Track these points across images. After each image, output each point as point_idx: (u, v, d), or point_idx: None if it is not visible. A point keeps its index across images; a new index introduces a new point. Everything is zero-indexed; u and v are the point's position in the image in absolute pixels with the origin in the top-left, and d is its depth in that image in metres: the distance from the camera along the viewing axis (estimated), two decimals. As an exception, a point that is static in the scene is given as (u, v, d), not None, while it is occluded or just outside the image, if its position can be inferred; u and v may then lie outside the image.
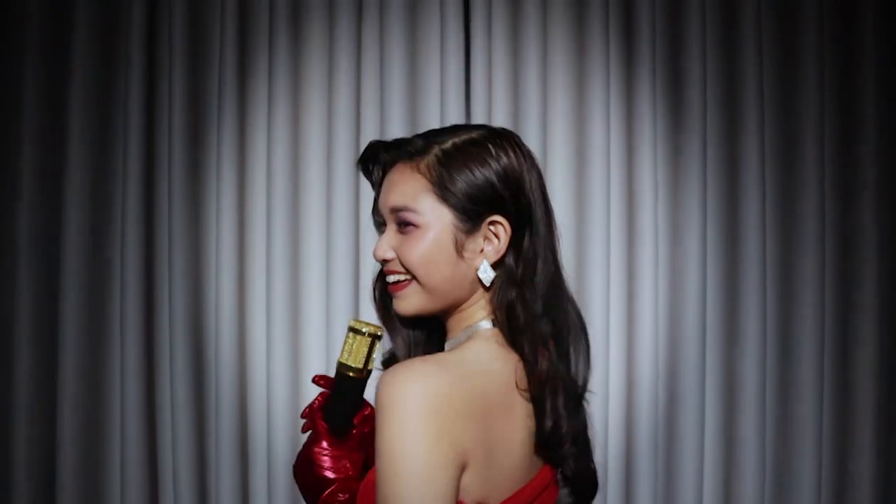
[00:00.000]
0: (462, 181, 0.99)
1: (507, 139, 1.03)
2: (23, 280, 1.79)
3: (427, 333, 1.09)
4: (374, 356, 1.03)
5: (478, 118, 1.79)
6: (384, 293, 1.08)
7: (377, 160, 1.07)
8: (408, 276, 0.99)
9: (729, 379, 1.79)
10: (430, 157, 1.01)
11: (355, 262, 1.76)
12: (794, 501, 1.78)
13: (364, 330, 1.01)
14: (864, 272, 1.78)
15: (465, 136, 1.03)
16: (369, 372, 1.03)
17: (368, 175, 1.09)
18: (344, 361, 1.02)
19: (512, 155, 1.02)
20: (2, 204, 1.81)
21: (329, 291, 1.78)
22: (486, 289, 1.01)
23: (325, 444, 1.00)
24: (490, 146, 1.01)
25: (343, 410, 1.03)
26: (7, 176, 1.82)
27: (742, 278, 1.77)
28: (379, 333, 1.02)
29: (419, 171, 0.99)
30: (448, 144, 1.02)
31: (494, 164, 0.99)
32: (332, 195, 1.76)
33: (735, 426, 1.78)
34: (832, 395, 1.81)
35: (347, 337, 1.03)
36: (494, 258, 0.99)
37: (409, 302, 1.00)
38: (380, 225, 1.06)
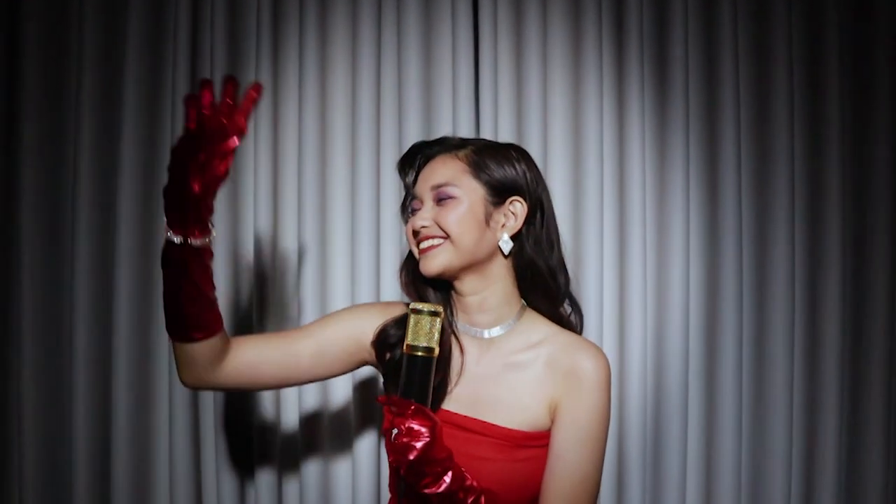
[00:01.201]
0: (493, 166, 1.17)
1: (521, 149, 1.25)
2: (80, 275, 1.80)
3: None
4: (436, 333, 1.06)
5: (485, 116, 1.81)
6: (414, 273, 1.21)
7: (413, 164, 1.23)
8: (441, 239, 1.13)
9: (710, 359, 1.83)
10: (467, 150, 1.20)
11: (376, 253, 1.78)
12: (768, 471, 1.84)
13: (425, 310, 1.06)
14: (830, 260, 1.82)
15: (491, 142, 1.26)
16: (437, 350, 1.06)
17: (405, 176, 1.23)
18: (412, 343, 1.06)
19: (527, 157, 1.23)
20: (60, 202, 1.84)
21: (353, 288, 1.79)
22: (505, 257, 1.18)
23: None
24: (512, 150, 1.22)
25: (418, 389, 1.06)
26: (64, 173, 1.84)
27: (721, 263, 1.81)
28: (439, 310, 1.07)
29: (458, 158, 1.17)
30: (481, 144, 1.21)
31: (515, 162, 1.19)
32: (356, 193, 1.79)
33: (714, 404, 1.82)
34: (803, 380, 1.85)
35: (410, 320, 1.07)
36: (512, 231, 1.17)
37: (439, 259, 1.13)
38: (412, 213, 1.22)
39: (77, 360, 1.80)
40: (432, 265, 1.15)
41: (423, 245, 1.17)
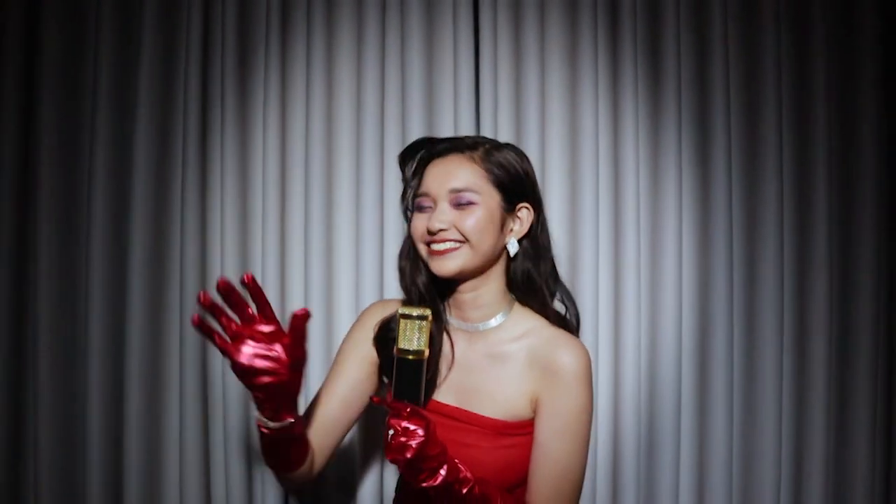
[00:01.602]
0: (506, 172, 1.20)
1: (522, 152, 1.29)
2: (95, 273, 1.85)
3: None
4: (425, 336, 1.10)
5: (485, 117, 1.85)
6: (416, 269, 1.25)
7: (414, 157, 1.26)
8: (458, 243, 1.16)
9: (702, 358, 1.85)
10: (481, 152, 1.21)
11: (380, 250, 1.82)
12: (758, 468, 1.87)
13: (415, 314, 1.10)
14: (817, 257, 1.84)
15: (497, 143, 1.26)
16: (426, 352, 1.10)
17: (404, 168, 1.26)
18: (402, 347, 1.09)
19: (528, 161, 1.27)
20: (76, 200, 1.89)
21: (358, 281, 1.83)
22: (510, 259, 1.24)
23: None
24: (517, 154, 1.26)
25: (411, 391, 1.11)
26: (80, 171, 1.88)
27: (712, 263, 1.84)
28: (427, 314, 1.10)
29: (475, 162, 1.19)
30: (489, 145, 1.23)
31: (521, 166, 1.24)
32: (361, 190, 1.83)
33: (706, 403, 1.85)
34: (791, 377, 1.88)
35: (399, 324, 1.10)
36: (519, 236, 1.23)
37: (456, 262, 1.17)
38: (419, 209, 1.21)
39: (91, 353, 1.87)
40: (448, 267, 1.19)
41: (439, 247, 1.20)
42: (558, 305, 1.33)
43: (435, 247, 1.20)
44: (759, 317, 1.87)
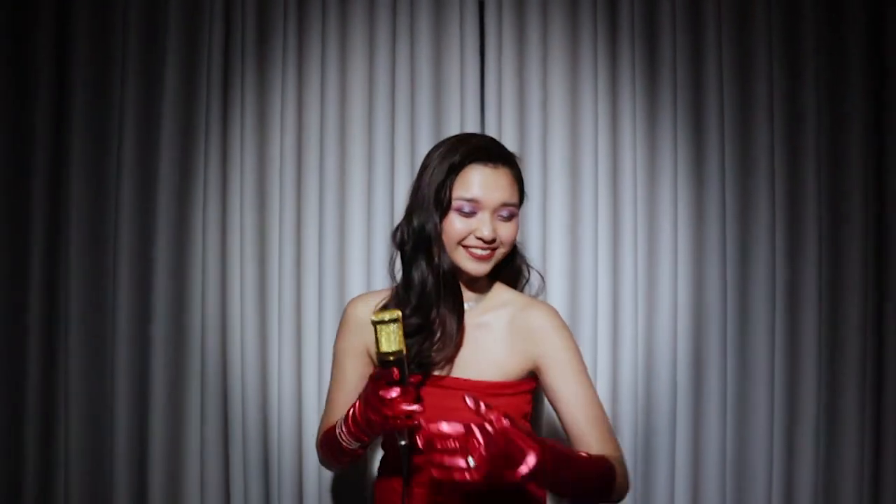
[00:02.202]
0: (523, 181, 1.37)
1: None
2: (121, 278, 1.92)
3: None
4: (400, 335, 1.14)
5: (490, 118, 1.90)
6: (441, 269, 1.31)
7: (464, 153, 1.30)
8: (494, 249, 1.27)
9: (696, 353, 1.89)
10: (516, 167, 1.35)
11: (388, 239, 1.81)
12: (750, 465, 1.91)
13: (387, 318, 1.13)
14: (807, 256, 1.88)
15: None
16: (404, 349, 1.14)
17: (477, 161, 1.29)
18: (383, 351, 1.13)
19: None
20: (100, 210, 1.95)
21: (369, 276, 1.89)
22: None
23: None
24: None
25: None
26: (108, 169, 1.94)
27: (706, 266, 1.88)
28: (397, 315, 1.14)
29: (514, 178, 1.33)
30: (514, 157, 1.36)
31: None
32: (372, 188, 1.89)
33: (701, 401, 1.89)
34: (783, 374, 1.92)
35: (376, 331, 1.13)
36: None
37: (490, 265, 1.32)
38: (460, 211, 1.28)
39: (118, 354, 1.93)
40: (486, 269, 1.32)
41: (481, 252, 1.30)
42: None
43: (476, 251, 1.30)
44: (751, 315, 1.91)
